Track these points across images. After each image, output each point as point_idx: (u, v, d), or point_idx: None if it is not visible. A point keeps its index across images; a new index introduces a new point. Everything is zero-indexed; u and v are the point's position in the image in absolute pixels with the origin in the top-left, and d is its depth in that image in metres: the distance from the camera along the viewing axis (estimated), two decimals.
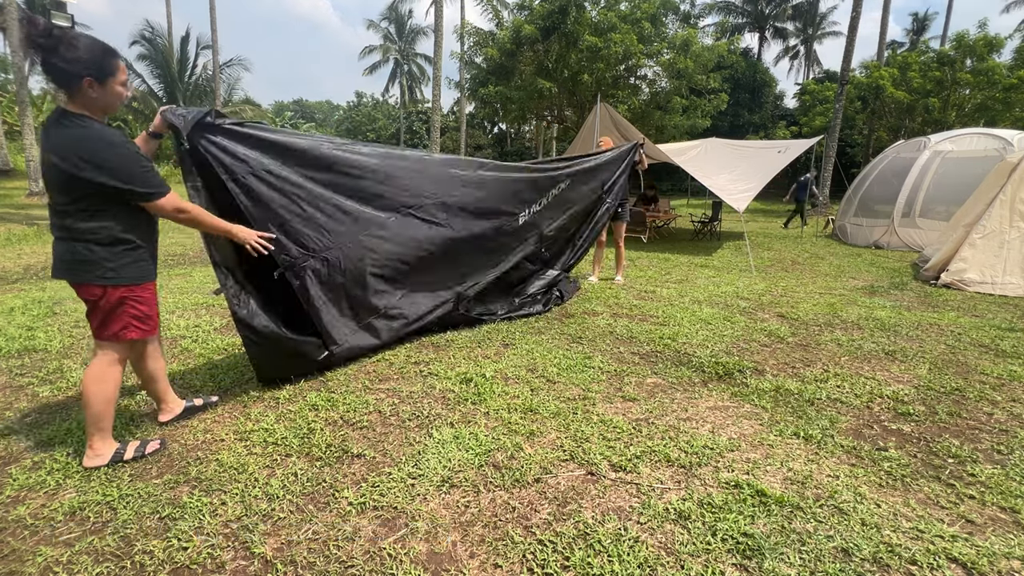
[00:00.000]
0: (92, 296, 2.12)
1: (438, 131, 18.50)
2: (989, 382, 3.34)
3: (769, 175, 9.14)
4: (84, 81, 1.98)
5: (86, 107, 2.04)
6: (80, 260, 2.08)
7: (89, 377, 2.16)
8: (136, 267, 2.18)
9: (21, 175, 19.50)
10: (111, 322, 2.16)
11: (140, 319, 2.22)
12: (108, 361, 2.20)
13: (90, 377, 2.16)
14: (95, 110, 2.06)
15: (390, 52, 43.63)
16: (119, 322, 2.16)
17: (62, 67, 1.95)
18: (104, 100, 2.06)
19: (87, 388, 2.15)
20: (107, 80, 2.04)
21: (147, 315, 2.25)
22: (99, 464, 2.19)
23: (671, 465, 2.30)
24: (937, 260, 6.78)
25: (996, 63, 18.49)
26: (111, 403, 2.20)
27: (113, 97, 2.09)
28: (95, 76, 2.00)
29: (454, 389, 3.05)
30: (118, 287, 2.13)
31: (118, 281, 2.13)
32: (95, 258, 2.08)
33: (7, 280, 5.99)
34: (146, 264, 2.24)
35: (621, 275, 6.44)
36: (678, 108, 17.64)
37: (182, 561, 1.71)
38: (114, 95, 2.09)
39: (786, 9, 38.73)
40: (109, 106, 2.10)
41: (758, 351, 3.87)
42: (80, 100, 2.02)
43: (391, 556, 1.74)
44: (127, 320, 2.18)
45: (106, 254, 2.09)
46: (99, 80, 2.01)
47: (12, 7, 13.29)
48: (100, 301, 2.12)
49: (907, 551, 1.78)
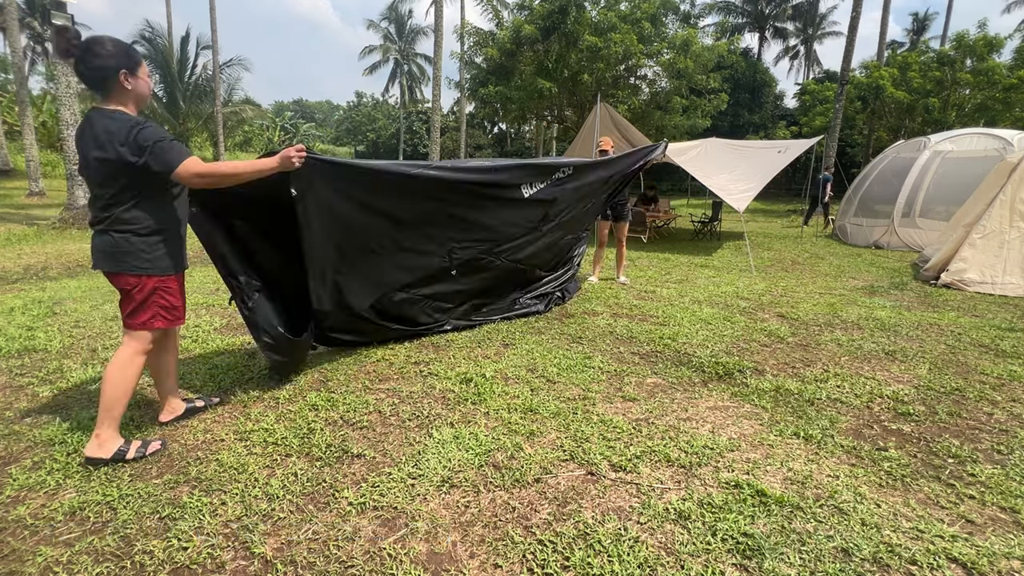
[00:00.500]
0: (128, 285, 2.23)
1: (438, 131, 18.49)
2: (989, 382, 3.34)
3: (769, 175, 9.14)
4: (120, 74, 2.13)
5: (121, 102, 2.18)
6: (119, 251, 2.18)
7: (114, 364, 2.24)
8: (169, 258, 2.29)
9: (21, 175, 19.51)
10: (142, 311, 2.26)
11: (168, 309, 2.32)
12: (134, 350, 2.27)
13: (115, 364, 2.24)
14: (129, 103, 2.20)
15: (390, 52, 43.61)
16: (149, 311, 2.27)
17: (98, 65, 2.10)
18: (137, 90, 2.21)
19: (109, 373, 2.22)
20: (138, 70, 2.19)
21: (174, 306, 2.34)
22: (100, 456, 2.20)
23: (671, 465, 2.30)
24: (937, 260, 6.77)
25: (996, 63, 18.48)
26: (128, 393, 2.26)
27: (144, 86, 2.24)
28: (129, 68, 2.15)
29: (454, 389, 3.05)
30: (152, 277, 2.24)
31: (152, 271, 2.24)
32: (133, 248, 2.19)
33: (7, 280, 5.99)
34: (177, 255, 2.35)
35: (624, 275, 6.43)
36: (678, 108, 17.63)
37: (182, 561, 1.71)
38: (145, 84, 2.24)
39: (786, 9, 38.71)
40: (141, 96, 2.24)
41: (758, 351, 3.87)
42: (116, 95, 2.17)
43: (391, 556, 1.74)
44: (156, 310, 2.28)
45: (143, 245, 2.21)
46: (132, 71, 2.17)
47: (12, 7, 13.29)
48: (134, 291, 2.23)
49: (907, 551, 1.78)
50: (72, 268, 7.00)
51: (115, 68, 2.11)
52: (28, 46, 29.95)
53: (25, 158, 15.47)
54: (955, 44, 19.46)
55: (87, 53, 2.09)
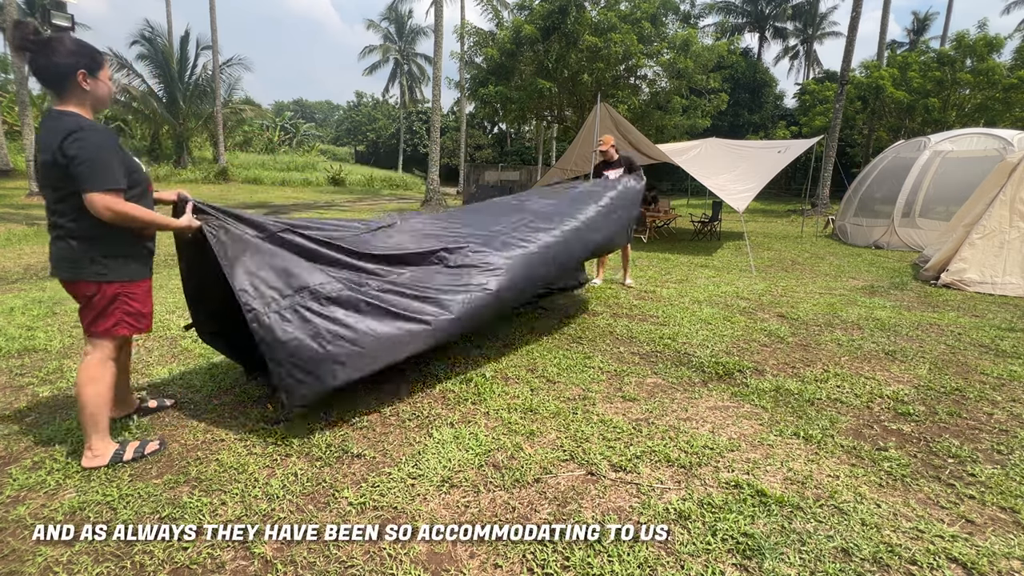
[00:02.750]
0: (87, 293, 2.15)
1: (438, 131, 18.48)
2: (989, 382, 3.34)
3: (769, 175, 9.14)
4: (79, 74, 2.04)
5: (79, 104, 2.09)
6: (74, 258, 2.10)
7: (83, 378, 2.17)
8: (129, 265, 2.21)
9: (21, 175, 19.49)
10: (104, 318, 2.18)
11: (133, 316, 2.24)
12: (100, 359, 2.20)
13: (84, 378, 2.17)
14: (86, 106, 2.11)
15: (390, 52, 43.61)
16: (112, 318, 2.19)
17: (56, 62, 2.01)
18: (96, 92, 2.12)
19: (82, 390, 2.16)
20: (98, 72, 2.11)
21: (141, 312, 2.27)
22: (98, 464, 2.19)
23: (671, 465, 2.30)
24: (937, 260, 6.77)
25: (996, 63, 18.49)
26: (107, 403, 2.21)
27: (104, 88, 2.15)
28: (88, 68, 2.07)
29: (454, 389, 3.05)
30: (112, 283, 2.16)
31: (111, 278, 2.15)
32: (88, 256, 2.10)
33: (7, 280, 5.99)
34: (141, 262, 2.26)
35: (630, 278, 6.33)
36: (678, 108, 17.64)
37: (182, 561, 1.71)
38: (106, 87, 2.16)
39: (786, 9, 38.69)
40: (100, 100, 2.15)
41: (758, 351, 3.87)
42: (73, 97, 2.07)
43: (391, 556, 1.74)
44: (120, 316, 2.20)
45: (98, 252, 2.12)
46: (91, 72, 2.08)
47: (12, 7, 13.30)
48: (94, 298, 2.15)
49: (907, 551, 1.78)
50: None
51: (73, 67, 2.03)
52: None
53: (25, 158, 15.46)
54: (955, 44, 19.47)
55: (45, 49, 2.01)
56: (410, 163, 45.00)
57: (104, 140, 2.05)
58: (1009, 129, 10.79)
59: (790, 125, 29.63)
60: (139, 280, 2.25)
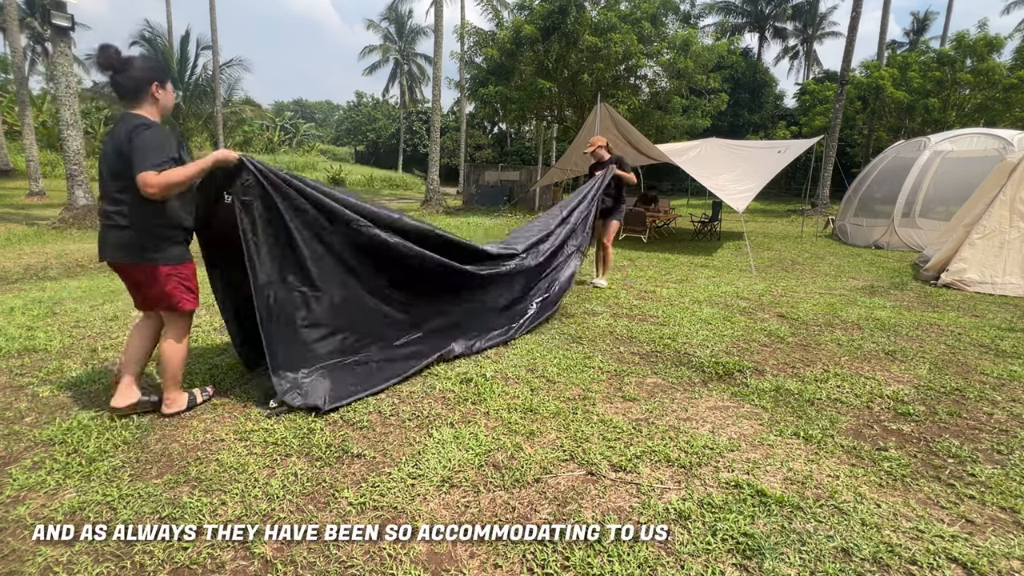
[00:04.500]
0: (141, 275, 2.46)
1: (438, 131, 18.49)
2: (989, 382, 3.34)
3: (769, 175, 9.14)
4: (152, 86, 2.42)
5: (148, 111, 2.44)
6: (130, 243, 2.40)
7: (169, 345, 2.57)
8: (177, 248, 2.51)
9: (21, 175, 19.50)
10: (167, 297, 2.50)
11: (189, 291, 2.57)
12: (180, 331, 2.59)
13: (170, 345, 2.57)
14: (155, 112, 2.47)
15: (390, 52, 43.62)
16: (175, 296, 2.52)
17: (136, 76, 2.39)
18: (164, 101, 2.50)
19: (168, 352, 2.57)
20: (166, 84, 2.50)
21: (191, 289, 2.59)
22: (178, 410, 2.64)
23: (671, 465, 2.30)
24: (937, 260, 6.77)
25: (996, 63, 18.50)
26: (184, 362, 2.64)
27: (169, 98, 2.54)
28: (160, 80, 2.46)
29: (454, 389, 3.05)
30: (164, 266, 2.46)
31: (165, 261, 2.45)
32: (144, 241, 2.40)
33: (7, 280, 5.99)
34: (183, 246, 2.56)
35: (604, 279, 6.08)
36: (678, 108, 17.65)
37: (182, 561, 1.71)
38: (171, 96, 2.55)
39: (786, 9, 38.70)
40: (167, 107, 2.52)
41: (758, 351, 3.87)
42: (145, 105, 2.43)
43: (391, 556, 1.74)
44: (180, 295, 2.53)
45: (151, 239, 2.41)
46: (162, 84, 2.47)
47: (12, 7, 13.30)
48: (152, 279, 2.45)
49: (907, 551, 1.78)
50: (72, 268, 7.00)
51: (149, 80, 2.41)
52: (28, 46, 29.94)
53: (25, 158, 15.47)
54: (955, 44, 19.48)
55: (128, 66, 2.38)
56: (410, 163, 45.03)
57: (165, 136, 2.36)
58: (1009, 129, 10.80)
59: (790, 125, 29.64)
60: (185, 262, 2.55)
